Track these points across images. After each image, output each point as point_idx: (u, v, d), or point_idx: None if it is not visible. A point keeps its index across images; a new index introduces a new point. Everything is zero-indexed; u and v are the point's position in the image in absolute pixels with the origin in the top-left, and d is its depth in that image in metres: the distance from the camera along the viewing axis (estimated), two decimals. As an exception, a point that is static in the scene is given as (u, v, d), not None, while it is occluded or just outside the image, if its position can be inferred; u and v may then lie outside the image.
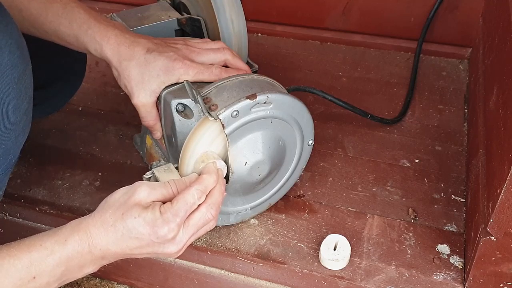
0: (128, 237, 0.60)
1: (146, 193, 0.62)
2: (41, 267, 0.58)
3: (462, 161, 0.94)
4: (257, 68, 0.84)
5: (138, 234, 0.60)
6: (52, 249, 0.59)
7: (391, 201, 0.88)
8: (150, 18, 0.86)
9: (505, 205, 0.63)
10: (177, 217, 0.61)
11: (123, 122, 1.04)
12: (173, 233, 0.61)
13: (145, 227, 0.60)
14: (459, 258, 0.79)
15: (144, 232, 0.60)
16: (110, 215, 0.61)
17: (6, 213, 0.89)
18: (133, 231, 0.60)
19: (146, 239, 0.61)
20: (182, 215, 0.61)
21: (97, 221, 0.61)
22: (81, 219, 0.62)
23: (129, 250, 0.62)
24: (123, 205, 0.61)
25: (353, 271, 0.78)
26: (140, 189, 0.62)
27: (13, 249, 0.58)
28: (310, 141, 0.80)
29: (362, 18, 1.22)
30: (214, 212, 0.64)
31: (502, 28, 0.83)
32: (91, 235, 0.60)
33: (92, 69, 1.17)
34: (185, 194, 0.62)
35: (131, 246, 0.61)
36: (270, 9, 1.27)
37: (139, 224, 0.60)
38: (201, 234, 0.66)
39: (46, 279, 0.59)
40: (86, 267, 0.62)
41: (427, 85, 1.12)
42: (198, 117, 0.73)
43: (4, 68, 0.58)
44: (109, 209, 0.61)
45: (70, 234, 0.60)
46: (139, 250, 0.62)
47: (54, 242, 0.60)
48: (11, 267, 0.57)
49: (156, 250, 0.63)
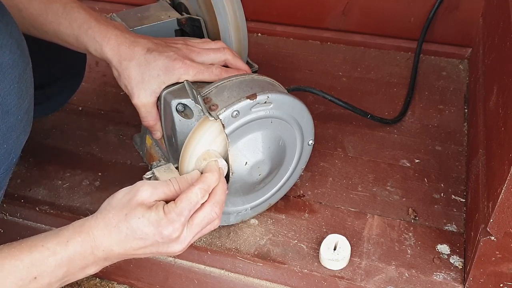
0: (133, 237, 0.60)
1: (148, 193, 0.61)
2: (43, 267, 0.58)
3: (462, 161, 0.94)
4: (257, 68, 0.84)
5: (143, 235, 0.60)
6: (53, 250, 0.59)
7: (391, 201, 0.88)
8: (150, 18, 0.86)
9: (505, 205, 0.63)
10: (182, 217, 0.61)
11: (123, 122, 1.04)
12: (178, 233, 0.61)
13: (150, 228, 0.60)
14: (459, 258, 0.79)
15: (148, 232, 0.60)
16: (113, 216, 0.61)
17: (6, 213, 0.89)
18: (137, 232, 0.60)
19: (150, 239, 0.61)
20: (186, 214, 0.61)
21: (100, 222, 0.61)
22: (84, 220, 0.62)
23: (133, 250, 0.62)
24: (126, 205, 0.61)
25: (353, 271, 0.78)
26: (143, 189, 0.62)
27: (14, 249, 0.58)
28: (310, 141, 0.80)
29: (362, 18, 1.22)
30: (219, 211, 0.64)
31: (502, 28, 0.83)
32: (94, 237, 0.60)
33: (92, 69, 1.17)
34: (189, 193, 0.62)
35: (135, 247, 0.61)
36: (270, 9, 1.27)
37: (143, 224, 0.60)
38: (205, 233, 0.66)
39: (48, 279, 0.59)
40: (88, 268, 0.62)
41: (427, 85, 1.12)
42: (198, 117, 0.73)
43: (5, 68, 0.58)
44: (112, 210, 0.61)
45: (72, 236, 0.60)
46: (143, 250, 0.62)
47: (56, 243, 0.59)
48: (12, 267, 0.57)
49: (160, 250, 0.63)
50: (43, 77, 0.92)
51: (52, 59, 0.91)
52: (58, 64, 0.93)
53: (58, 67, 0.94)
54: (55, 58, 0.92)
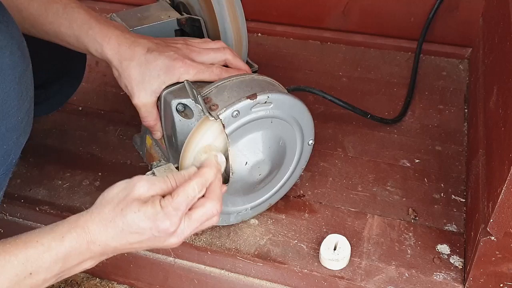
0: (129, 232, 0.60)
1: (145, 188, 0.61)
2: (38, 263, 0.58)
3: (462, 161, 0.94)
4: (257, 68, 0.84)
5: (139, 229, 0.60)
6: (49, 246, 0.59)
7: (391, 201, 0.88)
8: (150, 18, 0.86)
9: (505, 205, 0.63)
10: (179, 211, 0.61)
11: (123, 122, 1.04)
12: (175, 227, 0.61)
13: (146, 222, 0.60)
14: (459, 258, 0.79)
15: (145, 226, 0.60)
16: (109, 211, 0.60)
17: (6, 213, 0.89)
18: (133, 226, 0.60)
19: (147, 234, 0.61)
20: (183, 208, 0.61)
21: (95, 217, 0.61)
22: (79, 215, 0.62)
23: (129, 244, 0.62)
24: (122, 201, 0.61)
25: (353, 271, 0.78)
26: (140, 184, 0.61)
27: (9, 245, 0.58)
28: (310, 141, 0.80)
29: (362, 18, 1.22)
30: (219, 207, 0.64)
31: (502, 28, 0.83)
32: (90, 231, 0.60)
33: (92, 69, 1.17)
34: (186, 187, 0.62)
35: (132, 241, 0.61)
36: (270, 9, 1.27)
37: (139, 218, 0.60)
38: (203, 228, 0.66)
39: (43, 275, 0.59)
40: (84, 263, 0.62)
41: (427, 85, 1.12)
42: (199, 117, 0.73)
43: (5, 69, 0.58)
44: (108, 205, 0.61)
45: (68, 231, 0.60)
46: (139, 245, 0.62)
47: (51, 239, 0.59)
48: (6, 263, 0.57)
49: (156, 243, 0.63)
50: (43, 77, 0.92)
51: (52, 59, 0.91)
52: (58, 64, 0.93)
53: (58, 67, 0.94)
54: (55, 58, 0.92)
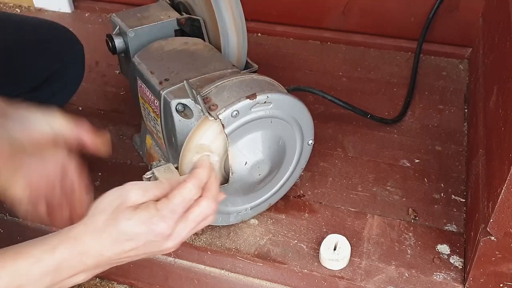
0: (124, 239, 0.58)
1: (139, 196, 0.59)
2: (27, 275, 0.56)
3: (462, 161, 0.94)
4: (256, 68, 0.84)
5: (134, 235, 0.58)
6: (39, 257, 0.56)
7: (391, 201, 0.88)
8: (150, 18, 0.86)
9: (505, 205, 0.63)
10: (175, 214, 0.59)
11: (123, 122, 1.04)
12: (171, 230, 0.59)
13: (141, 227, 0.58)
14: (459, 258, 0.79)
15: (140, 232, 0.58)
16: (102, 221, 0.59)
17: (6, 213, 0.89)
18: (128, 233, 0.58)
19: (142, 239, 0.59)
20: (180, 211, 0.60)
21: (88, 227, 0.59)
22: (71, 226, 0.60)
23: (125, 253, 0.60)
24: (115, 210, 0.59)
25: (353, 271, 0.78)
26: (133, 192, 0.60)
27: None
28: (310, 141, 0.80)
29: (362, 18, 1.22)
30: (215, 207, 0.63)
31: (502, 28, 0.83)
32: (82, 242, 0.58)
33: (92, 69, 1.16)
34: (182, 189, 0.60)
35: (127, 249, 0.59)
36: (270, 9, 1.27)
37: (134, 224, 0.58)
38: (199, 229, 0.64)
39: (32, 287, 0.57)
40: (76, 276, 0.59)
41: (427, 85, 1.12)
42: (198, 117, 0.73)
43: None
44: (101, 215, 0.59)
45: (59, 242, 0.58)
46: (135, 252, 0.60)
47: (42, 251, 0.57)
48: None
49: (152, 249, 0.61)
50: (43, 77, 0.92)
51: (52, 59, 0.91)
52: (58, 64, 0.93)
53: (58, 68, 0.94)
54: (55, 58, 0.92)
